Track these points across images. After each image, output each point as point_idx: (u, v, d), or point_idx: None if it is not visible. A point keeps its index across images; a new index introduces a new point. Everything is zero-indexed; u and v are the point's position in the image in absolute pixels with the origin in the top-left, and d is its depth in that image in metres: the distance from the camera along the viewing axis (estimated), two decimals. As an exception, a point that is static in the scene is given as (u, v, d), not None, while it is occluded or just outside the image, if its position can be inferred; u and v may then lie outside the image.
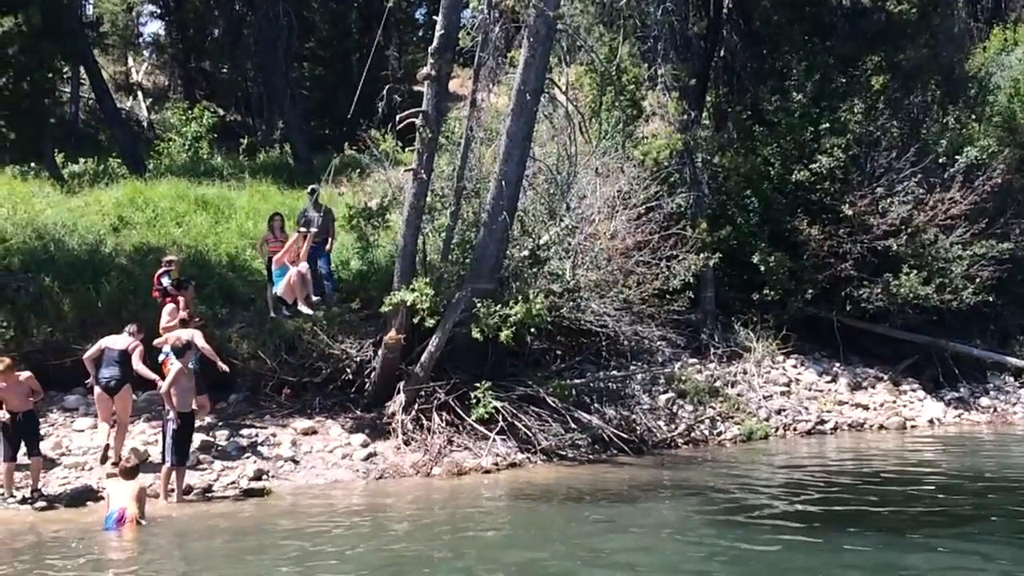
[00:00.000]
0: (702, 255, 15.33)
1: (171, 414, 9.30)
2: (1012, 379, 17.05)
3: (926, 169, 16.27)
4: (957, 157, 16.60)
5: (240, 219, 15.59)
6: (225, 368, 10.60)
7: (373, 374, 12.13)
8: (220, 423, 11.26)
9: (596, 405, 12.78)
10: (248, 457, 10.56)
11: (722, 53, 18.89)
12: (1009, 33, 24.41)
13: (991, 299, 16.07)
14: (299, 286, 12.04)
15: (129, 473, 8.65)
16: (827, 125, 16.42)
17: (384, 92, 13.34)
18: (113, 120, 22.11)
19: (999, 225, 16.55)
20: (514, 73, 12.43)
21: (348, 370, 12.10)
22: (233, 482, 9.93)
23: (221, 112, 27.16)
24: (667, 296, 14.58)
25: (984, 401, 16.40)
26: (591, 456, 11.91)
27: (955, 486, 10.32)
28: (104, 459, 9.83)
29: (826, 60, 16.99)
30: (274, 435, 11.14)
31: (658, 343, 14.82)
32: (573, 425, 12.10)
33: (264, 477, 10.14)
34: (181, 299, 11.10)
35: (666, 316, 14.63)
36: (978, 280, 15.84)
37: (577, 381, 13.14)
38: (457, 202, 12.51)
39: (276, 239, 13.10)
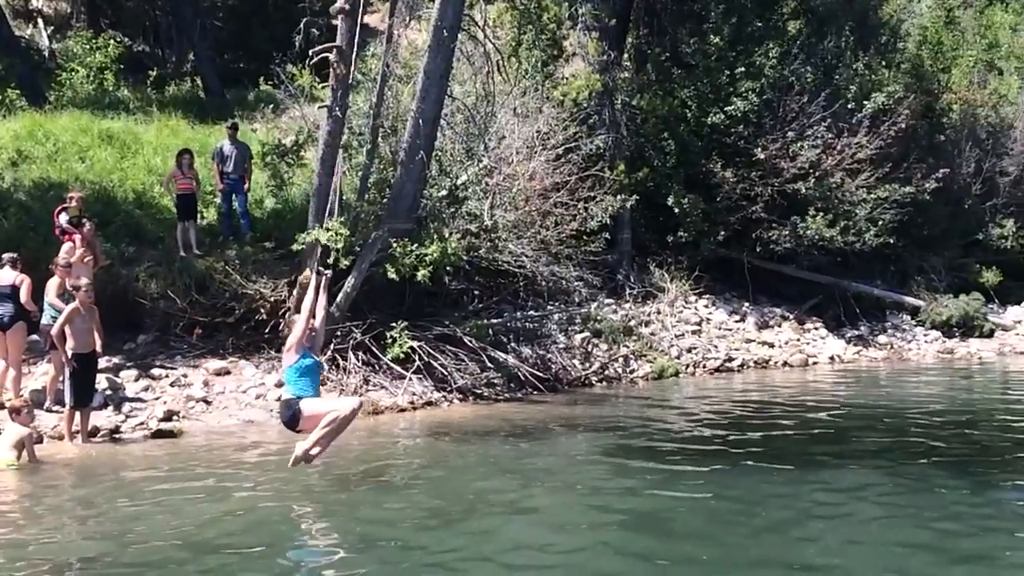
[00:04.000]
0: (619, 197, 15.57)
1: (66, 356, 9.06)
2: (909, 318, 17.94)
3: (836, 114, 16.70)
4: (865, 102, 17.06)
5: (148, 154, 15.10)
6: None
7: (288, 314, 12.02)
8: (129, 364, 11.04)
9: (512, 344, 12.97)
10: (158, 398, 10.41)
11: (643, -6, 18.88)
12: (921, -19, 24.99)
13: (892, 241, 16.77)
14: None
15: (10, 414, 8.44)
16: (743, 69, 16.67)
17: (301, 26, 12.98)
18: (10, 48, 20.86)
19: (902, 170, 17.16)
20: (433, 8, 12.19)
21: (262, 310, 11.97)
22: (142, 423, 9.78)
23: (128, 42, 25.88)
24: (584, 237, 14.78)
25: (882, 339, 17.22)
26: (506, 395, 12.12)
27: (849, 417, 10.90)
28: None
29: (743, 3, 17.17)
30: (185, 376, 10.99)
31: (575, 284, 15.05)
32: (489, 364, 12.27)
33: (175, 418, 10.00)
34: (78, 237, 10.71)
35: (583, 257, 14.86)
36: (880, 223, 16.49)
37: (494, 321, 13.28)
38: (373, 140, 12.36)
39: (184, 176, 12.79)
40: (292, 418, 7.55)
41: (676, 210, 16.58)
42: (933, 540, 6.05)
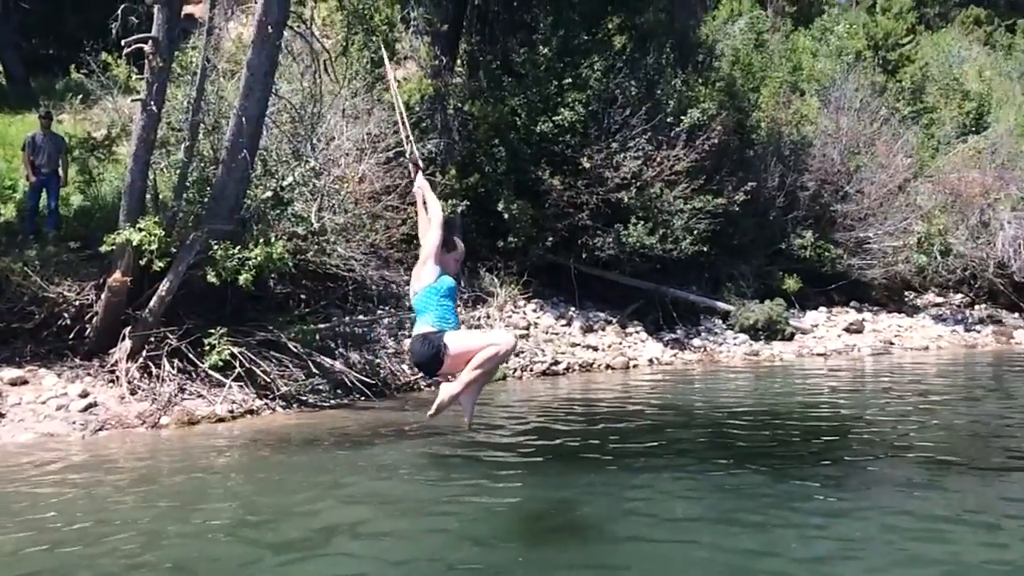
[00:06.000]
0: (451, 201, 15.67)
1: None
2: (720, 322, 19.08)
3: (656, 127, 17.50)
4: (683, 117, 17.97)
5: (-64, 144, 13.79)
6: None
7: (95, 319, 11.30)
8: (-93, 375, 10.03)
9: (340, 350, 12.79)
10: (-59, 412, 9.51)
11: (476, 1, 19.10)
12: (735, 4, 26.75)
13: (706, 249, 17.78)
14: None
15: None
16: (570, 80, 17.19)
17: (119, 12, 12.24)
18: None
19: (715, 182, 18.22)
20: (257, 2, 11.83)
21: (66, 315, 11.21)
22: (-79, 440, 8.91)
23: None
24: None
25: (696, 342, 18.23)
26: (333, 401, 11.90)
27: (664, 414, 11.47)
28: None
29: (571, 16, 17.73)
30: (-26, 387, 10.11)
31: (405, 288, 14.98)
32: (315, 370, 12.02)
33: (-39, 433, 9.19)
34: None
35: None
36: (695, 232, 17.44)
37: (322, 326, 13.00)
38: (192, 137, 11.85)
39: (-23, 169, 11.76)
40: (434, 358, 5.59)
41: (506, 216, 16.87)
42: (724, 515, 6.73)
